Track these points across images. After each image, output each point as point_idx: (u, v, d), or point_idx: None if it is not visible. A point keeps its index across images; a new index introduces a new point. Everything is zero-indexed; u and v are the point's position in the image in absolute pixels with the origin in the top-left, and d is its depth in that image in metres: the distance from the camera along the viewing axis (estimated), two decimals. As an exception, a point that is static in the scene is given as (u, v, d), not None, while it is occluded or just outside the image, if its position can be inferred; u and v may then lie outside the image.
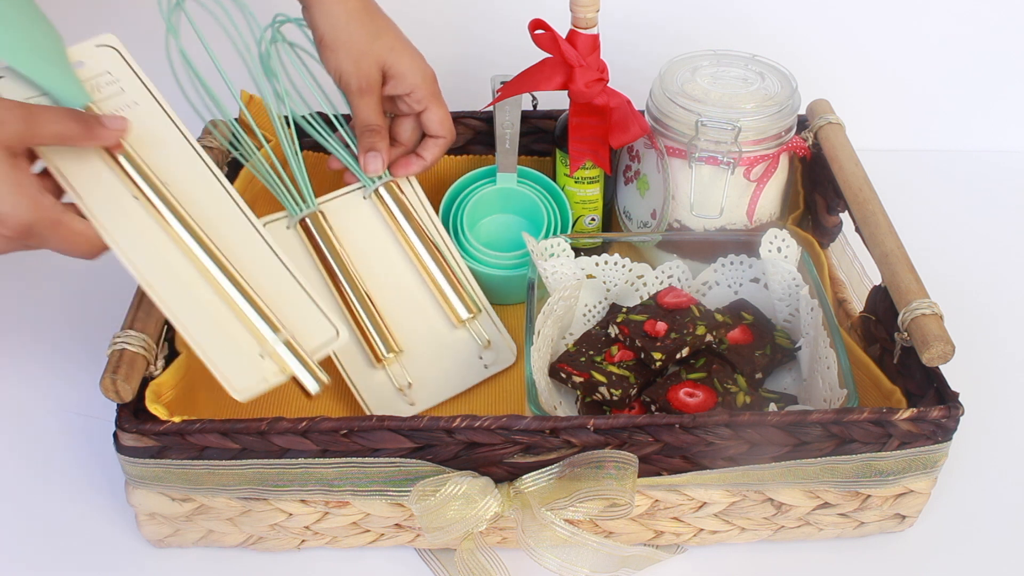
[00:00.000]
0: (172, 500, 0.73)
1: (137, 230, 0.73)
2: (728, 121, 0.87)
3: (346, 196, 0.91)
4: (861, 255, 0.89)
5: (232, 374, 0.72)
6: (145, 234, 0.74)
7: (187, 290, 0.74)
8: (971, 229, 1.11)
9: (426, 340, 0.88)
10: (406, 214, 0.90)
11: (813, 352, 0.81)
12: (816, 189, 0.96)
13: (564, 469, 0.70)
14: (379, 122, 0.90)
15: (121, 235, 0.72)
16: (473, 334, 0.89)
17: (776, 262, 0.85)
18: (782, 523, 0.77)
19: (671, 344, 0.81)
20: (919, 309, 0.75)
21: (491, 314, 0.91)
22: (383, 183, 0.91)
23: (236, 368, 0.72)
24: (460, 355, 0.89)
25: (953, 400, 0.72)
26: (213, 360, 0.72)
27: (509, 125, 0.98)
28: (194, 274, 0.74)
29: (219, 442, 0.70)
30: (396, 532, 0.76)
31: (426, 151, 0.92)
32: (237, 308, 0.74)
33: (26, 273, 1.03)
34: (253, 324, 0.74)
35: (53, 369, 0.92)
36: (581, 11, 0.87)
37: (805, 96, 0.95)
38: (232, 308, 0.74)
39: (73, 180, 0.73)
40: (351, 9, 0.87)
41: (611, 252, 0.90)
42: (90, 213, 0.72)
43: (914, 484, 0.75)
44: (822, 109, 0.98)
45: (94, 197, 0.72)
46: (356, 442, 0.69)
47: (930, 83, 1.20)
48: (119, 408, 0.70)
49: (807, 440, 0.71)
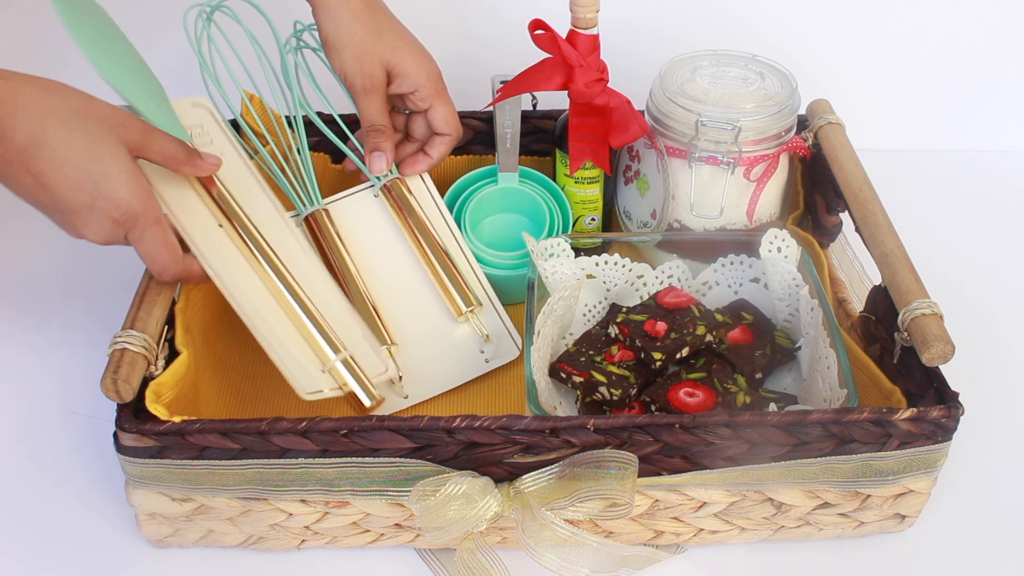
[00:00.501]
0: (172, 500, 0.73)
1: (221, 252, 0.82)
2: (728, 121, 0.87)
3: (357, 195, 0.93)
4: (861, 255, 0.89)
5: (296, 382, 0.79)
6: (228, 256, 0.82)
7: (263, 308, 0.82)
8: (971, 229, 1.11)
9: (426, 333, 0.89)
10: (410, 211, 0.91)
11: (813, 352, 0.81)
12: (816, 189, 0.96)
13: (564, 469, 0.70)
14: (383, 122, 0.91)
15: (208, 251, 0.81)
16: (474, 328, 0.89)
17: (776, 262, 0.85)
18: (782, 523, 0.77)
19: (671, 344, 0.81)
20: (919, 309, 0.75)
21: (497, 308, 0.91)
22: (390, 180, 0.92)
23: (300, 378, 0.80)
24: (460, 348, 0.89)
25: (953, 400, 0.72)
26: (285, 365, 0.80)
27: (509, 125, 0.98)
28: (268, 296, 0.82)
29: (219, 442, 0.70)
30: (396, 532, 0.76)
31: (433, 149, 0.93)
32: (305, 328, 0.82)
33: (26, 273, 1.03)
34: (317, 343, 0.82)
35: (53, 369, 0.92)
36: (581, 11, 0.87)
37: (805, 96, 0.95)
38: (300, 328, 0.82)
39: (169, 201, 0.81)
40: (355, 9, 0.88)
41: (611, 252, 0.90)
42: (182, 229, 0.80)
43: (914, 484, 0.75)
44: (822, 109, 0.98)
45: (187, 217, 0.81)
46: (356, 442, 0.69)
47: (930, 83, 1.20)
48: (119, 408, 0.70)
49: (807, 440, 0.71)
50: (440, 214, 0.93)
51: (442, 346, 0.89)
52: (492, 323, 0.90)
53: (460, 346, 0.89)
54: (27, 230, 1.08)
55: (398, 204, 0.91)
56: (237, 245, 0.83)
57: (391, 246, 0.91)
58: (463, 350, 0.89)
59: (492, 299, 0.91)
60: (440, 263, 0.89)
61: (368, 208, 0.92)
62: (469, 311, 0.88)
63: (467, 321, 0.89)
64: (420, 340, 0.88)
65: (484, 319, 0.90)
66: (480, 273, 0.92)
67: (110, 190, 0.72)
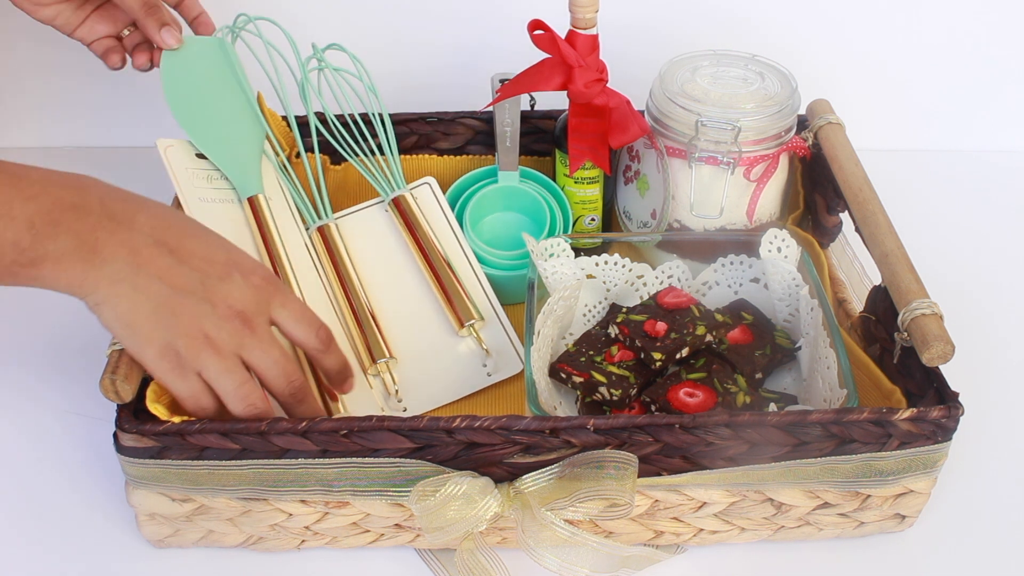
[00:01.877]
0: (172, 500, 0.73)
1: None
2: (728, 121, 0.87)
3: (366, 210, 0.95)
4: (861, 255, 0.89)
5: None
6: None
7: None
8: (971, 229, 1.11)
9: (428, 347, 0.89)
10: (416, 224, 0.92)
11: (813, 352, 0.81)
12: (816, 189, 0.96)
13: (564, 469, 0.70)
14: None
15: None
16: (476, 341, 0.89)
17: (776, 262, 0.85)
18: (782, 523, 0.77)
19: (671, 344, 0.81)
20: (919, 309, 0.75)
21: (503, 322, 0.91)
22: (398, 194, 0.94)
23: None
24: (462, 362, 0.88)
25: (953, 400, 0.72)
26: None
27: (509, 123, 0.98)
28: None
29: (219, 442, 0.70)
30: (396, 532, 0.76)
31: None
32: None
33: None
34: None
35: (53, 369, 0.92)
36: (580, 11, 0.87)
37: (805, 96, 0.95)
38: None
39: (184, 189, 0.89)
40: None
41: (611, 252, 0.90)
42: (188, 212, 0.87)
43: (914, 484, 0.75)
44: (822, 109, 0.98)
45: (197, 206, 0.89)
46: (356, 442, 0.69)
47: (930, 83, 1.20)
48: (119, 408, 0.70)
49: (807, 440, 0.71)
50: (448, 225, 0.94)
51: (444, 360, 0.89)
52: (496, 337, 0.90)
53: (462, 360, 0.89)
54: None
55: (404, 217, 0.93)
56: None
57: (396, 259, 0.93)
58: (465, 363, 0.89)
59: (499, 313, 0.91)
60: (443, 277, 0.90)
61: (376, 221, 0.94)
62: (470, 325, 0.88)
63: (470, 335, 0.89)
64: (422, 354, 0.88)
65: (489, 332, 0.90)
66: (487, 286, 0.92)
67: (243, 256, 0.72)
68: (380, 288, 0.91)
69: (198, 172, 0.91)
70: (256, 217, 0.89)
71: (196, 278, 0.69)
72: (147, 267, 0.68)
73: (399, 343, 0.88)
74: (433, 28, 1.15)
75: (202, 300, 0.69)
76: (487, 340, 0.89)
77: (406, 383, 0.87)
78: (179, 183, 0.89)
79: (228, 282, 0.70)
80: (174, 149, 0.91)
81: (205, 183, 0.91)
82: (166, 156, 0.90)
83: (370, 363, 0.86)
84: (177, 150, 0.91)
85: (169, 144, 0.91)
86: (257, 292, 0.71)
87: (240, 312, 0.70)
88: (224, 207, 0.90)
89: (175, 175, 0.90)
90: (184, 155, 0.91)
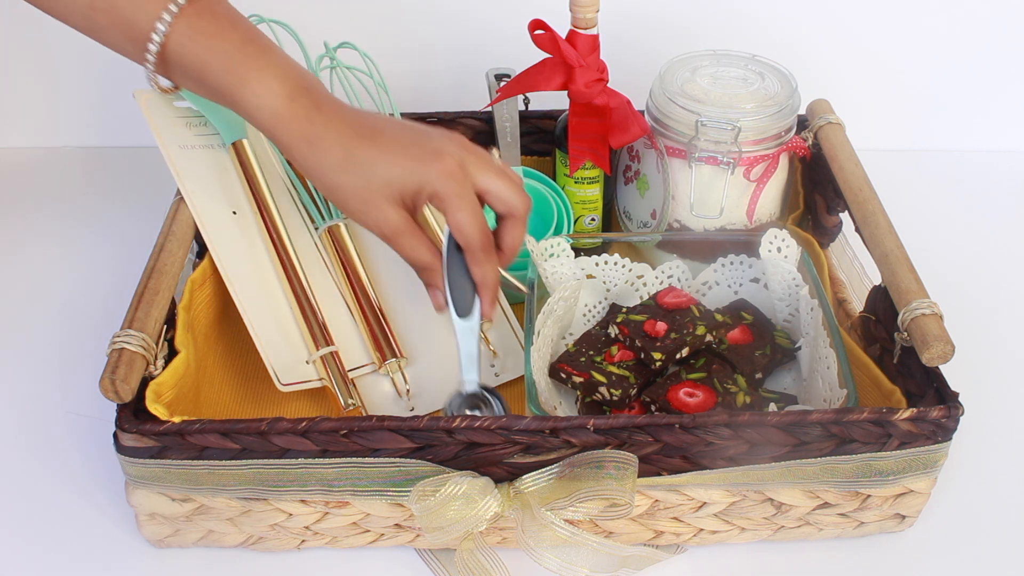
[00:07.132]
0: (172, 500, 0.73)
1: (226, 236, 0.87)
2: (728, 121, 0.87)
3: None
4: (861, 255, 0.89)
5: (279, 368, 0.83)
6: (232, 242, 0.87)
7: (257, 297, 0.86)
8: (971, 229, 1.11)
9: (437, 347, 0.89)
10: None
11: (813, 352, 0.81)
12: (816, 189, 0.96)
13: (564, 469, 0.70)
14: (423, 258, 0.75)
15: (214, 234, 0.86)
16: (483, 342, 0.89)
17: (776, 262, 0.85)
18: (782, 523, 0.77)
19: (671, 344, 0.81)
20: (919, 309, 0.75)
21: (512, 323, 0.91)
22: None
23: (282, 364, 0.84)
24: None
25: (953, 400, 0.72)
26: (266, 352, 0.84)
27: (509, 119, 0.98)
28: (268, 285, 0.87)
29: (219, 442, 0.70)
30: (396, 532, 0.76)
31: (501, 239, 0.77)
32: (298, 316, 0.86)
33: (26, 272, 1.03)
34: (307, 333, 0.86)
35: (53, 369, 0.92)
36: (581, 11, 0.87)
37: (805, 96, 0.95)
38: (296, 318, 0.86)
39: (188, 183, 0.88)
40: (311, 137, 0.71)
41: (611, 252, 0.90)
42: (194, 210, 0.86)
43: (914, 484, 0.75)
44: (822, 109, 0.98)
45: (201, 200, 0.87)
46: (356, 442, 0.70)
47: (930, 83, 1.20)
48: (119, 408, 0.70)
49: (807, 440, 0.71)
50: None
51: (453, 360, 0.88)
52: (504, 337, 0.90)
53: None
54: (28, 229, 1.08)
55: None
56: (247, 232, 0.88)
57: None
58: None
59: (507, 313, 0.91)
60: None
61: None
62: None
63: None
64: (431, 354, 0.88)
65: (496, 333, 0.90)
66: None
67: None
68: (389, 288, 0.91)
69: (177, 120, 0.91)
70: (241, 160, 0.90)
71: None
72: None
73: (408, 344, 0.88)
74: (433, 29, 1.15)
75: None
76: (495, 341, 0.89)
77: (415, 382, 0.87)
78: (159, 132, 0.90)
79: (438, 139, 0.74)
80: (152, 99, 0.91)
81: (185, 129, 0.91)
82: (144, 106, 0.90)
83: (380, 362, 0.86)
84: (155, 99, 0.91)
85: (147, 94, 0.91)
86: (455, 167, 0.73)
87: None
88: (207, 152, 0.90)
89: (154, 124, 0.90)
90: (163, 104, 0.91)
